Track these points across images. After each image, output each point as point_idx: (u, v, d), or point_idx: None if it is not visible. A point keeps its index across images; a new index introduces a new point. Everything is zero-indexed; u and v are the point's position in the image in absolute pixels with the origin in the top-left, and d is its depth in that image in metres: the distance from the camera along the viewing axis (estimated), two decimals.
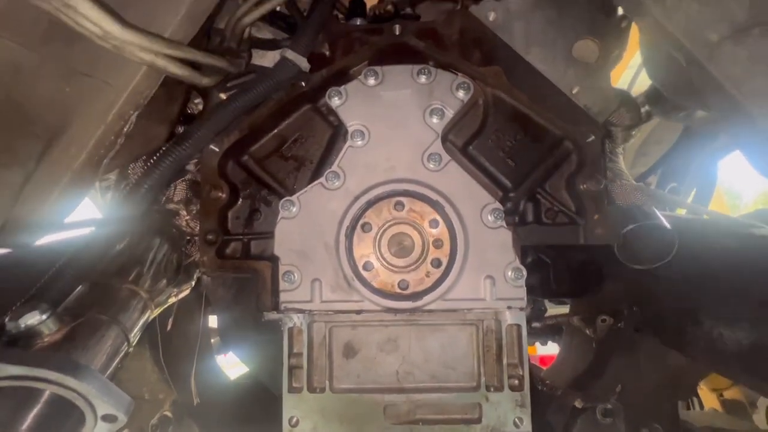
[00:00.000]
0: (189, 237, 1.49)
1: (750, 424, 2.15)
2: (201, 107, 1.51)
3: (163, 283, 1.31)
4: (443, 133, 1.23)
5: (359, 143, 1.23)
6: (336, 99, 1.24)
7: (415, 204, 1.22)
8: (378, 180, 1.22)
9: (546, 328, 2.07)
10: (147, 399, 1.65)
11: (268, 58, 1.45)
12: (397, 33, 1.28)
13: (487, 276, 1.18)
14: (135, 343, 1.13)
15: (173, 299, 1.42)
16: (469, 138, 1.29)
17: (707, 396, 2.29)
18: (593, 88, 1.32)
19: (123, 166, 1.40)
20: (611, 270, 1.58)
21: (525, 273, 1.17)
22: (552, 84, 1.29)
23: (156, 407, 1.67)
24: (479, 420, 1.16)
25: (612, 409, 1.52)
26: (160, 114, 1.30)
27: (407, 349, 1.20)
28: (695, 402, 2.26)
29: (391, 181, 1.21)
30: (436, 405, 1.17)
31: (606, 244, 1.25)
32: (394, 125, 1.23)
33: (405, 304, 1.19)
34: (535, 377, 1.72)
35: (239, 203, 1.32)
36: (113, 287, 1.12)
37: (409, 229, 1.22)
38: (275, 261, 1.21)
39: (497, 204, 1.20)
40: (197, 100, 1.55)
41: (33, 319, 0.88)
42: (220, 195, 1.28)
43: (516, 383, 1.17)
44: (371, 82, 1.24)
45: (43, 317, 0.88)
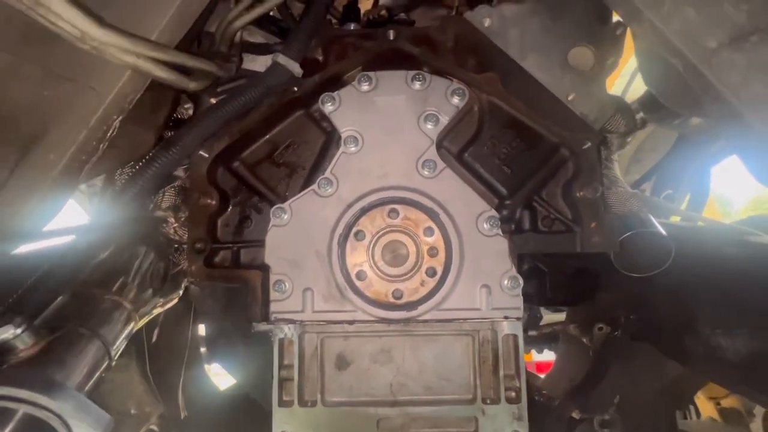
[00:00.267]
0: (177, 245, 1.45)
1: None
2: (191, 112, 1.48)
3: (149, 293, 1.28)
4: (438, 140, 1.22)
5: (353, 149, 1.21)
6: (329, 105, 1.22)
7: (410, 211, 1.20)
8: (372, 187, 1.19)
9: (542, 335, 2.04)
10: (133, 413, 1.60)
11: (259, 62, 1.43)
12: (392, 38, 1.27)
13: (483, 285, 1.16)
14: (120, 355, 1.09)
15: (159, 309, 1.38)
16: (465, 145, 1.27)
17: (704, 404, 2.28)
18: (589, 94, 1.31)
19: (110, 171, 1.36)
20: (608, 278, 1.57)
21: (521, 282, 1.15)
22: (548, 91, 1.28)
23: (142, 421, 1.62)
24: None
25: (610, 420, 1.50)
26: (147, 119, 1.27)
27: (401, 361, 1.18)
28: (692, 411, 2.24)
29: (385, 188, 1.19)
30: (430, 419, 1.15)
31: (603, 252, 1.24)
32: (388, 131, 1.21)
33: (399, 314, 1.17)
34: (532, 387, 1.69)
35: (229, 210, 1.29)
36: (95, 298, 1.08)
37: (404, 237, 1.19)
38: (266, 270, 1.18)
39: (493, 212, 1.18)
40: (187, 105, 1.52)
41: (6, 334, 0.84)
42: (209, 202, 1.25)
43: (513, 395, 1.15)
44: (365, 87, 1.22)
45: (18, 331, 0.84)
